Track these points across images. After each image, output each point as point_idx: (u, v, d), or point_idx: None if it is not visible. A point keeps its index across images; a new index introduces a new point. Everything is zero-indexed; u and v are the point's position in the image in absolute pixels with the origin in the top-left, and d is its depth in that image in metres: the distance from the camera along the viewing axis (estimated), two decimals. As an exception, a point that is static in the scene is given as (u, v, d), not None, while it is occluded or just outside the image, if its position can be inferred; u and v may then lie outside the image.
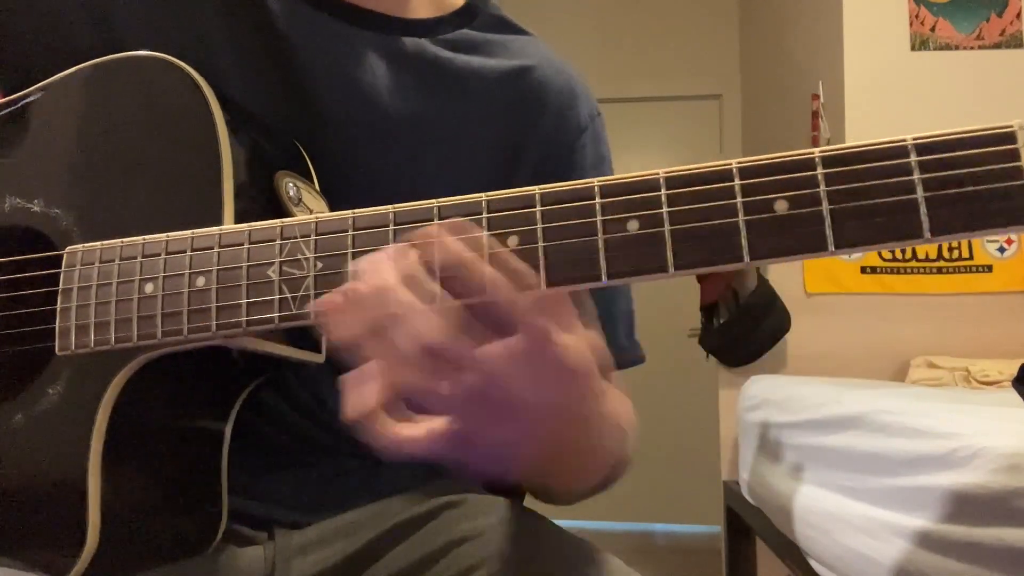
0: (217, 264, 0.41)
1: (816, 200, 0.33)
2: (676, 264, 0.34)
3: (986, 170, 0.31)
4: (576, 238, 0.35)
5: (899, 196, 0.32)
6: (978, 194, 0.31)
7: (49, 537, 0.45)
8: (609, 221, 0.35)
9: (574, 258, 0.35)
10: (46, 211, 0.48)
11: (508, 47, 0.64)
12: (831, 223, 0.32)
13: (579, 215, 0.35)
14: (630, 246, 0.35)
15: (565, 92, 0.64)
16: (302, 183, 0.49)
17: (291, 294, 0.39)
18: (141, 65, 0.48)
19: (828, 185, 0.33)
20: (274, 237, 0.40)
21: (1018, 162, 0.31)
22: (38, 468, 0.46)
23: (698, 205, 0.34)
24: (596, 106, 0.68)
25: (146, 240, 0.43)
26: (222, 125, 0.45)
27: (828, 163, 0.33)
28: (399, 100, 0.57)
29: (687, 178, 0.34)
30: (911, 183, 0.32)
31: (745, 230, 0.33)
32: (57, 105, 0.51)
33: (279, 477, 0.57)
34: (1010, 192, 0.31)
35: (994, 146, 0.31)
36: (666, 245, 0.34)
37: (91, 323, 0.43)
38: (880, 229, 0.32)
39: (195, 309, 0.41)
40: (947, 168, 0.32)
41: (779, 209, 0.33)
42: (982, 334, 2.05)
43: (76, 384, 0.45)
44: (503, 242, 0.36)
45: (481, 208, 0.37)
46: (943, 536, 0.98)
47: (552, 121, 0.63)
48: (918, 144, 0.32)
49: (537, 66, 0.63)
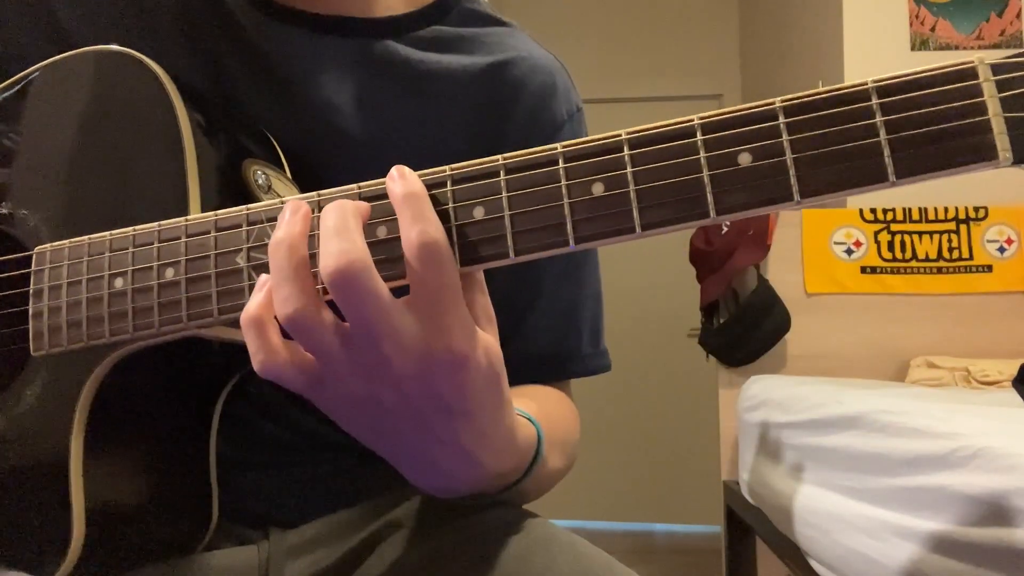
0: (185, 254, 0.40)
1: (779, 150, 0.32)
2: (643, 224, 0.34)
3: (949, 108, 0.31)
4: (541, 205, 0.35)
5: (862, 140, 0.32)
6: (942, 133, 0.31)
7: (34, 539, 0.45)
8: (574, 185, 0.35)
9: (541, 225, 0.35)
10: (14, 212, 0.48)
11: (484, 42, 0.61)
12: (795, 172, 0.32)
13: (544, 182, 0.35)
14: (596, 209, 0.34)
15: (541, 88, 0.61)
16: (272, 170, 0.49)
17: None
18: (98, 60, 0.48)
19: (791, 134, 0.32)
20: (240, 223, 0.39)
21: (980, 97, 0.31)
22: (20, 470, 0.45)
23: (662, 163, 0.34)
24: (577, 101, 0.65)
25: (113, 235, 0.42)
26: (183, 114, 0.45)
27: (790, 112, 0.33)
28: (368, 106, 0.56)
29: (650, 137, 0.34)
30: (874, 126, 0.32)
31: (710, 185, 0.33)
32: (16, 106, 0.50)
33: (274, 474, 0.56)
34: (974, 129, 0.31)
35: (955, 83, 0.31)
36: (632, 205, 0.34)
37: (63, 322, 0.43)
38: (845, 175, 0.32)
39: (166, 301, 0.40)
40: (909, 109, 0.31)
41: (743, 162, 0.33)
42: (982, 334, 2.05)
43: (54, 384, 0.44)
44: (469, 214, 0.36)
45: (445, 180, 0.36)
46: (943, 536, 0.98)
47: (525, 118, 0.60)
48: (879, 87, 0.32)
49: (511, 61, 0.60)
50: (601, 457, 3.52)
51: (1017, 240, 2.09)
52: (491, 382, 0.38)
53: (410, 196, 0.35)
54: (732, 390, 2.06)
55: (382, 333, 0.34)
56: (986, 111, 0.30)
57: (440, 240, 0.34)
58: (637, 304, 3.52)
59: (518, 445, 0.44)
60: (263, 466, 0.56)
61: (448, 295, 0.35)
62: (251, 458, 0.55)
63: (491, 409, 0.40)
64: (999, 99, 0.30)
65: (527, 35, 0.65)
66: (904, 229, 2.09)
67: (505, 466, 0.44)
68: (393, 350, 0.35)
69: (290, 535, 0.56)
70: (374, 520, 0.56)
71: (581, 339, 0.64)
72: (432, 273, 0.34)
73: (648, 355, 3.52)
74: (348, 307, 0.34)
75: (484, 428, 0.40)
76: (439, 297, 0.35)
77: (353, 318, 0.34)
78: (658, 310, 3.55)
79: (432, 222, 0.35)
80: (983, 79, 0.31)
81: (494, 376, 0.38)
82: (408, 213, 0.35)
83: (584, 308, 0.64)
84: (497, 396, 0.40)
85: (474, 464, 0.41)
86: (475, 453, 0.40)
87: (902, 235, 2.09)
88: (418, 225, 0.34)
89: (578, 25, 3.66)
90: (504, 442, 0.42)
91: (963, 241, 2.09)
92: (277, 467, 0.56)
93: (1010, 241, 2.09)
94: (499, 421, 0.41)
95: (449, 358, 0.35)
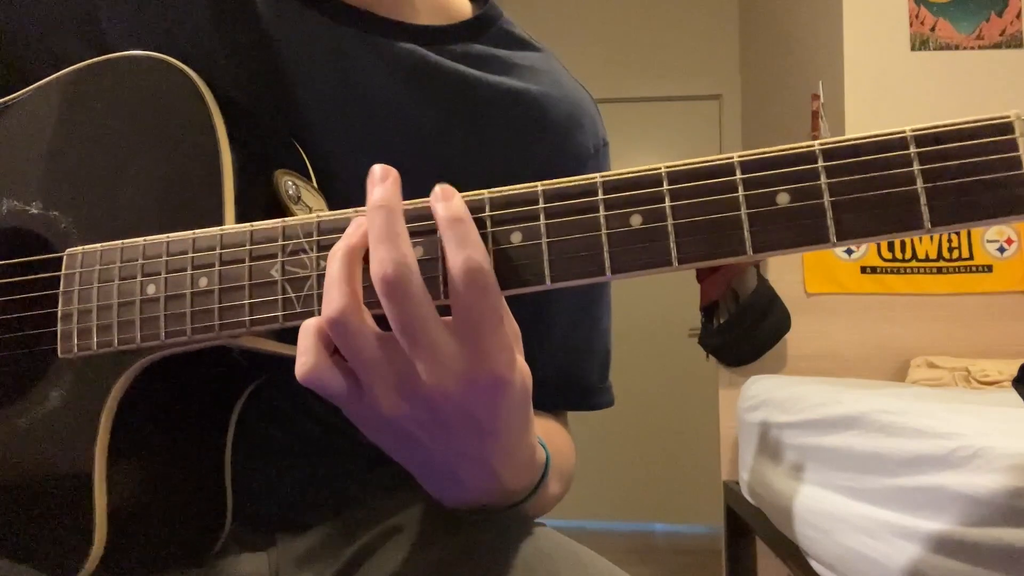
0: (219, 264, 0.41)
1: (817, 193, 0.33)
2: (680, 258, 0.34)
3: (985, 160, 0.32)
4: (579, 234, 0.36)
5: (899, 188, 0.32)
6: (977, 185, 0.32)
7: (56, 541, 0.45)
8: (612, 216, 0.35)
9: (578, 254, 0.35)
10: (44, 213, 0.48)
11: (516, 64, 0.60)
12: (832, 215, 0.33)
13: (582, 211, 0.36)
14: (634, 240, 0.35)
15: (568, 118, 0.60)
16: (300, 181, 0.49)
17: (294, 293, 0.39)
18: (136, 65, 0.48)
19: (829, 178, 0.33)
20: (276, 236, 0.40)
21: (1016, 152, 0.31)
22: (43, 472, 0.45)
23: (701, 199, 0.34)
24: (604, 135, 0.65)
25: (147, 241, 0.43)
26: (220, 124, 0.45)
27: (829, 156, 0.33)
28: (389, 101, 0.56)
29: (689, 172, 0.35)
30: (911, 174, 0.32)
31: (748, 223, 0.34)
32: (51, 106, 0.50)
33: (281, 478, 0.57)
34: (1009, 182, 0.31)
35: (992, 136, 0.32)
36: (669, 239, 0.34)
37: (93, 326, 0.43)
38: (881, 220, 0.32)
39: (198, 310, 0.41)
40: (946, 159, 0.32)
41: (781, 202, 0.33)
42: (982, 334, 2.05)
43: (79, 387, 0.45)
44: (507, 239, 0.36)
45: (484, 205, 0.37)
46: (943, 536, 0.98)
47: (551, 149, 0.59)
48: (917, 136, 0.32)
49: (541, 90, 0.60)
50: (601, 457, 3.52)
51: (1017, 240, 2.09)
52: (523, 404, 0.39)
53: (456, 221, 0.35)
54: (732, 390, 2.06)
55: (421, 343, 0.35)
56: (1020, 166, 0.31)
57: (485, 267, 0.35)
58: (637, 304, 3.52)
59: (535, 464, 0.45)
60: (270, 470, 0.56)
61: (491, 320, 0.35)
62: (258, 463, 0.55)
63: (518, 429, 0.40)
64: None
65: (559, 62, 0.64)
66: (904, 229, 2.09)
67: (521, 483, 0.45)
68: (432, 364, 0.35)
69: (298, 542, 0.56)
70: (378, 524, 0.56)
71: (592, 374, 0.65)
72: (476, 298, 0.35)
73: (648, 355, 3.52)
74: (392, 312, 0.35)
75: (510, 447, 0.41)
76: (481, 321, 0.35)
77: (396, 324, 0.35)
78: (658, 310, 3.55)
79: (478, 247, 0.35)
80: (1019, 134, 0.31)
81: (525, 398, 0.39)
82: (454, 238, 0.35)
83: (597, 343, 0.65)
84: (525, 417, 0.41)
85: (494, 480, 0.42)
86: (498, 470, 0.41)
87: (902, 235, 2.09)
88: (464, 251, 0.35)
89: (578, 25, 3.66)
90: (525, 460, 0.43)
91: (963, 241, 2.09)
92: (283, 471, 0.57)
93: (1010, 241, 2.09)
94: (523, 440, 0.42)
95: (491, 382, 0.36)
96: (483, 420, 0.38)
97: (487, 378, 0.36)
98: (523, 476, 0.44)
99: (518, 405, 0.39)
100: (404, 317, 0.35)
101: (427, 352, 0.35)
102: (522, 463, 0.43)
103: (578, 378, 0.64)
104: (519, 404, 0.39)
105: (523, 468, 0.44)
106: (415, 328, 0.35)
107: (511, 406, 0.38)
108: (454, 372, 0.36)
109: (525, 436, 0.42)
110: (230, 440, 0.50)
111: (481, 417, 0.38)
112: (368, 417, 0.38)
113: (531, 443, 0.43)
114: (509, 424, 0.39)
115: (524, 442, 0.42)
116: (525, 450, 0.43)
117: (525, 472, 0.44)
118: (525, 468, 0.44)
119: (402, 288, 0.34)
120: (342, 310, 0.35)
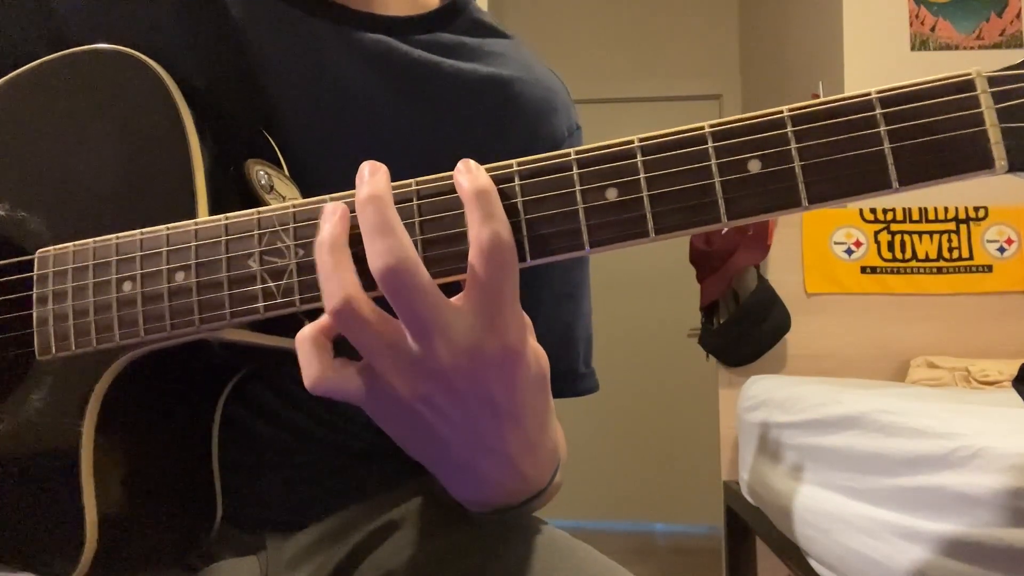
0: (195, 258, 0.40)
1: (788, 158, 0.34)
2: (656, 228, 0.35)
3: (948, 118, 0.32)
4: (556, 209, 0.36)
5: (867, 148, 0.33)
6: (942, 142, 0.32)
7: (47, 544, 0.44)
8: (588, 190, 0.35)
9: (556, 229, 0.36)
10: (12, 214, 0.47)
11: (486, 52, 0.60)
12: (803, 179, 0.33)
13: (558, 186, 0.36)
14: (610, 213, 0.35)
15: (541, 104, 0.61)
16: (272, 170, 0.48)
17: (274, 283, 0.39)
18: (100, 59, 0.47)
19: (798, 142, 0.34)
20: (252, 227, 0.39)
21: (979, 108, 0.32)
22: (30, 475, 0.45)
23: (674, 169, 0.35)
24: (576, 119, 0.65)
25: (119, 238, 0.42)
26: (188, 116, 0.44)
27: (797, 121, 0.34)
28: (361, 91, 0.55)
29: (662, 144, 0.35)
30: (878, 135, 0.33)
31: (721, 191, 0.34)
32: (13, 103, 0.49)
33: (271, 477, 0.56)
34: (973, 138, 0.32)
35: (955, 94, 0.32)
36: (645, 210, 0.35)
37: (70, 326, 0.43)
38: (850, 182, 0.33)
39: (177, 305, 0.40)
40: (911, 119, 0.33)
41: (752, 168, 0.34)
42: (982, 334, 2.05)
43: (61, 388, 0.44)
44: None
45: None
46: (943, 536, 0.98)
47: (524, 134, 0.59)
48: (882, 97, 0.33)
49: (513, 75, 0.60)
50: (601, 457, 3.52)
51: (1017, 240, 2.09)
52: (540, 384, 0.39)
53: (482, 193, 0.35)
54: (732, 390, 2.07)
55: (434, 329, 0.35)
56: (983, 122, 0.32)
57: (510, 241, 0.35)
58: (637, 304, 3.52)
59: (556, 459, 0.45)
60: (259, 467, 0.56)
61: (509, 293, 0.35)
62: (247, 460, 0.55)
63: (539, 414, 0.40)
64: (995, 110, 0.32)
65: (529, 50, 0.64)
66: (904, 229, 2.09)
67: (542, 479, 0.44)
68: (444, 346, 0.35)
69: (289, 544, 0.56)
70: (371, 521, 0.56)
71: (578, 359, 0.64)
72: (497, 272, 0.35)
73: (648, 355, 3.52)
74: (399, 303, 0.35)
75: (531, 436, 0.40)
76: (500, 295, 0.35)
77: (404, 314, 0.35)
78: (658, 310, 3.55)
79: (503, 222, 0.35)
80: (980, 91, 0.32)
81: (542, 377, 0.39)
82: (479, 210, 0.35)
83: (580, 328, 0.65)
84: (544, 401, 0.40)
85: (516, 475, 0.42)
86: (519, 463, 0.41)
87: (902, 235, 2.09)
88: (491, 224, 0.35)
89: (578, 25, 3.66)
90: (547, 453, 0.43)
91: (963, 241, 2.09)
92: (273, 468, 0.56)
93: (1010, 241, 2.09)
94: (545, 429, 0.42)
95: (503, 354, 0.36)
96: (501, 400, 0.37)
97: (499, 351, 0.36)
98: (544, 470, 0.44)
99: (535, 384, 0.38)
100: (412, 306, 0.34)
101: (440, 336, 0.35)
102: (545, 455, 0.43)
103: (564, 364, 0.64)
104: (536, 384, 0.38)
105: (546, 462, 0.43)
106: (424, 316, 0.35)
107: (527, 387, 0.38)
108: (466, 348, 0.35)
109: (547, 424, 0.41)
110: (216, 432, 0.49)
111: (499, 396, 0.37)
112: (386, 408, 0.38)
113: (552, 436, 0.43)
114: (529, 407, 0.39)
115: (546, 431, 0.42)
116: (548, 442, 0.42)
117: (547, 466, 0.44)
118: (548, 461, 0.44)
119: (406, 277, 0.34)
120: (345, 300, 0.34)
